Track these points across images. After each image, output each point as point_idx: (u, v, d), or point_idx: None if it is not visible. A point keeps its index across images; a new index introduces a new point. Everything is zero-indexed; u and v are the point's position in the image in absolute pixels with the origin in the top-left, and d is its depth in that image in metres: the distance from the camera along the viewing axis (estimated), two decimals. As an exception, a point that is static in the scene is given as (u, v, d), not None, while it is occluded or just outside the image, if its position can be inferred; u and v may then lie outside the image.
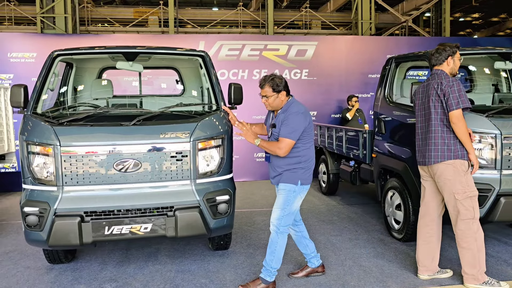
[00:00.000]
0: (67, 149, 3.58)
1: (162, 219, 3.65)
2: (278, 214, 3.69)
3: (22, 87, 3.94)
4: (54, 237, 3.53)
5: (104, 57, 4.70)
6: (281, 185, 3.71)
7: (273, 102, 3.68)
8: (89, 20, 17.13)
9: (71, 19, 13.46)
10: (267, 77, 3.68)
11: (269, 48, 9.86)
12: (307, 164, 3.71)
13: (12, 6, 16.54)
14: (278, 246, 3.69)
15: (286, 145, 3.54)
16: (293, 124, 3.55)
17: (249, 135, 3.66)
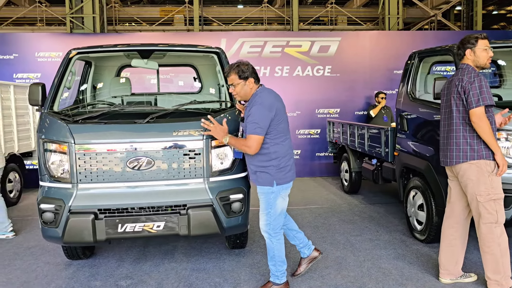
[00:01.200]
0: (82, 146, 3.61)
1: (175, 217, 3.63)
2: (265, 219, 3.56)
3: (40, 86, 3.99)
4: (69, 234, 3.56)
5: (122, 55, 4.72)
6: (258, 188, 3.55)
7: (241, 90, 3.45)
8: (116, 19, 17.44)
9: (99, 19, 13.71)
10: (233, 65, 3.48)
11: (291, 45, 9.74)
12: (280, 161, 3.44)
13: (44, 7, 17.01)
14: (275, 250, 3.58)
15: (254, 141, 3.31)
16: (256, 118, 3.29)
17: (217, 133, 3.49)
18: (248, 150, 3.36)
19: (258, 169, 3.47)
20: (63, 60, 4.23)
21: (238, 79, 3.42)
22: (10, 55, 9.70)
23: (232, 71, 3.43)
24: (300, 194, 7.88)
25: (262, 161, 3.44)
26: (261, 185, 3.49)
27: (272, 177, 3.44)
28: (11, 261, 4.71)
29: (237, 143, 3.43)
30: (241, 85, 3.43)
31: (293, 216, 6.32)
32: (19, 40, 9.83)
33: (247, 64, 3.46)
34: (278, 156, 3.43)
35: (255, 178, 3.53)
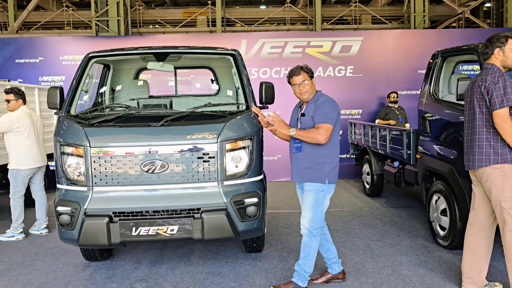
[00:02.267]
0: (97, 149, 3.62)
1: (188, 221, 3.60)
2: (310, 216, 3.58)
3: (58, 89, 4.04)
4: (84, 236, 3.59)
5: (139, 58, 4.73)
6: (308, 185, 3.59)
7: (310, 88, 3.61)
8: (140, 22, 17.69)
9: (123, 22, 13.94)
10: (299, 66, 3.68)
11: (312, 45, 9.64)
12: (333, 159, 3.59)
13: (71, 11, 17.42)
14: (312, 249, 3.61)
15: (326, 130, 3.44)
16: (327, 110, 3.49)
17: (281, 126, 3.58)
18: (320, 138, 3.43)
19: (312, 165, 3.54)
20: (81, 63, 4.27)
21: (308, 77, 3.61)
22: (36, 59, 9.95)
23: (302, 71, 3.62)
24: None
25: (318, 157, 3.54)
26: (313, 181, 3.54)
27: (325, 174, 3.53)
28: (32, 261, 4.79)
29: (307, 133, 3.49)
30: (310, 82, 3.62)
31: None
32: (44, 44, 10.07)
33: (308, 67, 3.71)
34: (332, 153, 3.57)
35: (306, 174, 3.57)
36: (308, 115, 3.57)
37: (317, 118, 3.50)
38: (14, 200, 5.62)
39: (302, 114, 3.64)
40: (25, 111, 5.62)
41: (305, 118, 3.60)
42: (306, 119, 3.59)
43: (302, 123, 3.62)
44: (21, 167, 5.55)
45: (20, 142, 5.51)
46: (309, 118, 3.56)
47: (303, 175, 3.61)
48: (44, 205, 5.91)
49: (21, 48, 9.95)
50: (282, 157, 9.60)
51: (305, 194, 3.63)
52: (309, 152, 3.56)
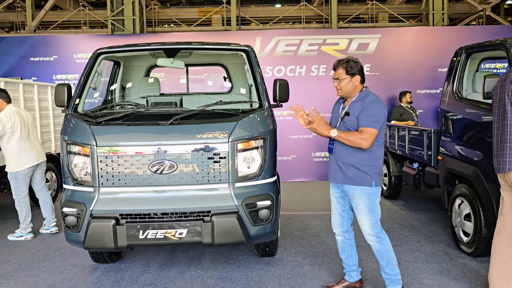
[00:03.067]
0: (103, 149, 3.48)
1: (198, 224, 3.44)
2: (370, 222, 3.37)
3: (65, 86, 3.91)
4: (90, 239, 3.45)
5: (151, 54, 4.58)
6: (356, 191, 3.35)
7: (346, 86, 3.36)
8: (156, 21, 17.65)
9: (139, 21, 13.89)
10: (341, 60, 3.40)
11: (328, 43, 9.40)
12: (378, 162, 3.38)
13: (87, 11, 17.48)
14: (390, 252, 3.44)
15: (370, 135, 3.20)
16: (374, 112, 3.23)
17: (321, 125, 3.30)
18: (363, 143, 3.21)
19: (355, 166, 3.32)
20: (89, 60, 4.14)
21: (345, 74, 3.34)
22: (50, 57, 9.93)
23: (340, 66, 3.37)
24: (336, 198, 7.52)
25: (363, 159, 3.31)
26: (360, 185, 3.33)
27: (371, 177, 3.33)
28: (40, 262, 4.69)
29: (349, 136, 3.24)
30: (346, 80, 3.34)
31: (328, 222, 6.02)
32: (58, 42, 10.04)
33: (356, 61, 3.39)
34: (377, 156, 3.37)
35: (351, 177, 3.35)
36: (353, 115, 3.31)
37: (362, 121, 3.24)
38: (19, 201, 5.50)
39: (346, 113, 3.37)
40: (12, 110, 5.40)
41: (350, 118, 3.33)
42: (351, 119, 3.32)
43: (346, 123, 3.36)
44: (19, 168, 5.40)
45: (13, 143, 5.32)
46: (354, 118, 3.30)
47: (348, 178, 3.37)
48: (48, 203, 5.79)
49: (35, 46, 9.94)
50: (296, 157, 9.40)
51: (356, 201, 3.39)
52: (352, 153, 3.33)
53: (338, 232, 3.68)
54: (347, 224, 3.63)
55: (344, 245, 3.67)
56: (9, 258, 4.84)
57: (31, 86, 7.32)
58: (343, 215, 3.61)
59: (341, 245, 3.70)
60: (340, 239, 3.68)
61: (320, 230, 5.66)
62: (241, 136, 3.58)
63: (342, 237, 3.67)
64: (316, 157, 9.45)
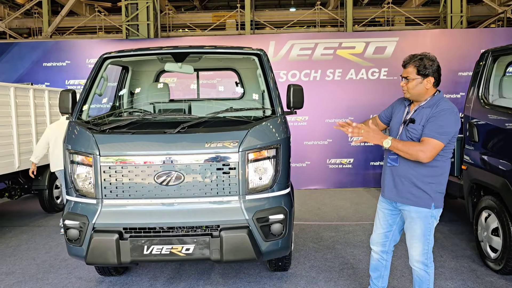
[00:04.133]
0: (107, 158, 3.30)
1: (206, 239, 3.22)
2: (421, 248, 2.97)
3: (70, 92, 3.76)
4: (92, 254, 3.26)
5: (158, 59, 4.41)
6: (413, 211, 2.95)
7: (414, 88, 2.89)
8: (170, 26, 17.59)
9: (153, 26, 13.84)
10: (415, 56, 2.92)
11: (344, 46, 9.15)
12: (442, 180, 2.92)
13: (103, 16, 17.54)
14: (431, 283, 3.05)
15: (433, 147, 2.75)
16: (445, 123, 2.76)
17: (372, 135, 2.85)
18: (421, 156, 2.75)
19: (415, 184, 2.90)
20: (95, 65, 3.98)
21: (416, 74, 2.88)
22: (63, 62, 9.89)
23: (412, 63, 2.90)
24: (353, 207, 7.25)
25: (425, 176, 2.88)
26: (418, 205, 2.92)
27: (431, 198, 2.89)
28: (45, 274, 4.53)
29: (406, 146, 2.80)
30: (416, 81, 2.88)
31: (344, 234, 5.80)
32: (71, 48, 10.00)
33: (434, 59, 2.91)
34: (443, 173, 2.91)
35: (408, 195, 2.94)
36: (420, 123, 2.85)
37: (427, 129, 2.78)
38: None
39: (411, 120, 2.90)
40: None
41: (415, 127, 2.87)
42: (416, 128, 2.86)
43: (410, 132, 2.90)
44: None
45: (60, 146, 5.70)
46: (421, 127, 2.85)
47: (403, 196, 2.97)
48: None
49: (48, 51, 9.91)
50: (311, 164, 9.15)
51: (410, 222, 3.00)
52: (412, 167, 2.89)
53: (376, 250, 3.32)
54: (390, 245, 3.28)
55: (378, 265, 3.35)
56: (14, 269, 4.70)
57: (41, 91, 7.23)
58: (388, 235, 3.25)
59: (375, 263, 3.36)
60: (377, 257, 3.34)
61: (335, 242, 5.40)
62: (253, 146, 3.36)
63: (379, 256, 3.32)
64: (332, 164, 9.18)
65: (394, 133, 3.05)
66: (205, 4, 20.68)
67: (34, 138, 6.90)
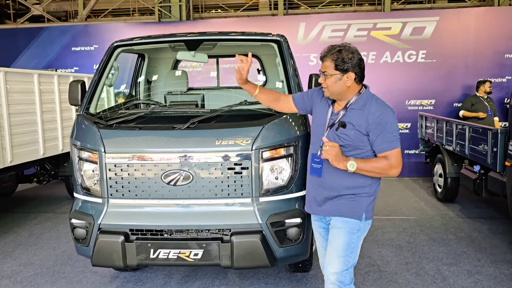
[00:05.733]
0: (112, 155, 3.11)
1: (215, 244, 3.00)
2: (341, 266, 2.52)
3: (79, 83, 3.59)
4: (97, 255, 3.11)
5: (170, 47, 4.15)
6: (338, 221, 2.54)
7: (333, 85, 2.45)
8: (203, 7, 17.33)
9: (185, 7, 13.62)
10: (333, 47, 2.46)
11: (379, 27, 8.61)
12: (375, 188, 2.55)
13: (138, -2, 17.50)
14: None
15: (399, 158, 2.41)
16: (393, 128, 2.41)
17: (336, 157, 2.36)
18: (393, 172, 2.42)
19: (345, 191, 2.50)
20: (105, 54, 3.77)
21: (334, 69, 2.42)
22: (91, 47, 9.84)
23: (329, 56, 2.45)
24: (383, 199, 6.87)
25: (353, 186, 2.49)
26: (346, 216, 2.52)
27: (362, 207, 2.51)
28: (62, 266, 4.48)
29: (373, 167, 2.40)
30: (335, 78, 2.43)
31: (372, 230, 5.46)
32: (99, 31, 9.93)
33: (354, 52, 2.44)
34: (376, 181, 2.54)
35: (335, 206, 2.54)
36: (352, 128, 2.42)
37: (380, 142, 2.38)
38: None
39: (342, 125, 2.45)
40: None
41: (347, 132, 2.43)
42: (349, 134, 2.43)
43: (341, 138, 2.45)
44: None
45: None
46: (354, 132, 2.42)
47: (332, 208, 2.55)
48: None
49: (76, 36, 9.89)
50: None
51: (333, 233, 2.57)
52: (340, 176, 2.48)
53: None
54: None
55: None
56: (33, 260, 4.68)
57: (66, 77, 7.17)
58: None
59: None
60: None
61: (363, 239, 5.07)
62: (267, 143, 3.07)
63: None
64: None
65: (317, 137, 2.58)
66: (238, -16, 20.23)
67: (59, 125, 6.87)
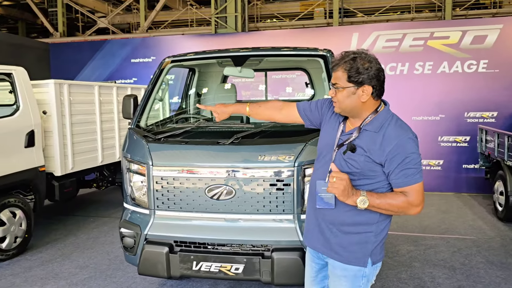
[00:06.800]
0: (159, 168, 3.23)
1: (256, 260, 3.02)
2: None
3: (132, 98, 3.76)
4: (143, 265, 3.23)
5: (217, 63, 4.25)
6: (338, 268, 2.15)
7: (345, 100, 2.05)
8: (258, 16, 17.62)
9: (241, 17, 13.94)
10: (347, 54, 2.06)
11: (436, 36, 8.29)
12: (386, 226, 2.13)
13: (194, 9, 18.11)
14: None
15: (420, 193, 1.99)
16: (415, 158, 1.98)
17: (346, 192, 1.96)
18: (413, 211, 2.00)
19: (348, 229, 2.10)
20: (157, 69, 3.94)
21: (346, 81, 2.02)
22: (149, 58, 10.28)
23: (341, 65, 2.04)
24: (438, 215, 6.58)
25: (358, 223, 2.08)
26: (346, 262, 2.12)
27: (368, 250, 2.09)
28: (114, 271, 4.69)
29: (391, 205, 1.98)
30: (347, 91, 2.03)
31: (425, 249, 5.23)
32: (156, 44, 10.36)
33: (371, 60, 2.02)
34: (385, 218, 2.12)
35: (335, 246, 2.14)
36: (362, 153, 2.01)
37: (401, 176, 1.97)
38: None
39: (351, 148, 2.03)
40: None
41: (356, 157, 2.02)
42: (357, 160, 2.02)
43: (348, 163, 2.04)
44: None
45: None
46: (363, 159, 2.00)
47: (330, 248, 2.15)
48: None
49: (136, 48, 10.37)
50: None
51: (334, 281, 2.20)
52: (343, 212, 2.09)
53: None
54: None
55: None
56: (88, 263, 4.94)
57: (124, 89, 7.54)
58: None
59: None
60: None
61: (413, 258, 4.89)
62: (311, 160, 3.06)
63: None
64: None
65: (325, 158, 2.19)
66: (294, -7, 20.33)
67: (116, 134, 7.23)
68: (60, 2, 15.24)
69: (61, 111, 5.84)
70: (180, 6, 19.50)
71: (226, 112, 2.63)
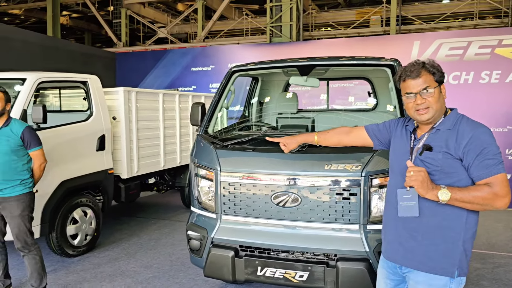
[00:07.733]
0: (227, 174, 3.33)
1: (321, 268, 3.02)
2: None
3: (199, 106, 3.91)
4: (209, 268, 3.34)
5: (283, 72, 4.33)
6: (420, 277, 2.06)
7: (437, 102, 2.06)
8: (312, 25, 17.65)
9: (295, 26, 14.04)
10: (416, 63, 2.12)
11: (505, 44, 7.92)
12: (472, 234, 2.05)
13: (249, 19, 18.47)
14: None
15: (505, 185, 1.91)
16: (496, 148, 1.96)
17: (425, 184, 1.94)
18: (500, 204, 1.92)
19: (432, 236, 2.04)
20: (224, 78, 4.07)
21: (435, 81, 2.07)
22: (208, 67, 10.58)
23: (423, 70, 2.08)
24: (507, 233, 6.23)
25: (456, 230, 2.01)
26: (434, 272, 2.03)
27: (454, 259, 2.01)
28: (176, 272, 4.85)
29: (475, 196, 1.91)
30: (437, 92, 2.06)
31: (493, 267, 4.97)
32: (215, 53, 10.65)
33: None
34: (477, 221, 2.07)
35: (417, 255, 2.07)
36: (440, 150, 2.01)
37: (482, 168, 1.92)
38: None
39: (427, 148, 2.05)
40: None
41: (433, 155, 2.02)
42: (434, 157, 2.01)
43: (425, 162, 2.04)
44: None
45: None
46: (442, 155, 2.00)
47: (414, 258, 2.08)
48: None
49: (195, 57, 10.72)
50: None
51: None
52: (431, 215, 2.03)
53: None
54: None
55: None
56: (152, 263, 5.14)
57: (186, 96, 7.80)
58: None
59: None
60: None
61: (480, 277, 4.67)
62: (378, 170, 3.04)
63: None
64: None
65: (399, 168, 2.17)
66: (350, 1, 20.16)
67: (178, 139, 7.49)
68: (124, 14, 16.05)
69: (129, 117, 6.15)
70: (236, 16, 19.93)
71: (294, 142, 2.72)
